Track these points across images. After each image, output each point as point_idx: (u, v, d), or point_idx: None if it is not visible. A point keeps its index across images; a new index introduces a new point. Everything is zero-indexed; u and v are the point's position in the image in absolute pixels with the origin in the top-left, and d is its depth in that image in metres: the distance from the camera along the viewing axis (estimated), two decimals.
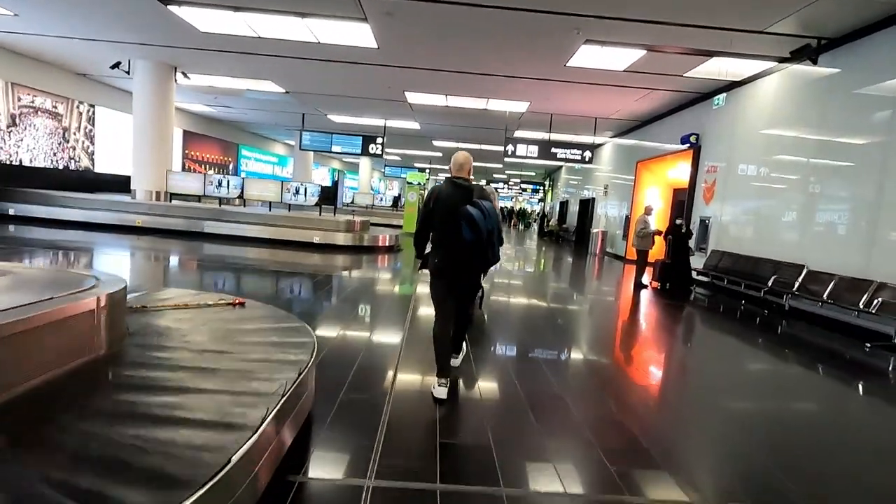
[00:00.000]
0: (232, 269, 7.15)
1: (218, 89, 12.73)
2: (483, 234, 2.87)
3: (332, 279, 6.79)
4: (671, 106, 10.58)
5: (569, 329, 5.41)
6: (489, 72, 9.11)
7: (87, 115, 13.02)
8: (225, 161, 20.36)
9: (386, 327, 4.63)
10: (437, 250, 3.03)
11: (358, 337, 4.22)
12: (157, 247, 8.79)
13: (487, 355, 4.02)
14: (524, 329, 5.16)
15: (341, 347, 3.86)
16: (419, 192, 15.95)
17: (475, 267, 3.15)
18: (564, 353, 4.38)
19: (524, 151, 12.39)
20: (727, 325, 6.42)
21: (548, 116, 12.58)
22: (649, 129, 12.23)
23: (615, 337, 5.45)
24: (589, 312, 6.52)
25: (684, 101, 10.04)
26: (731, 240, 8.33)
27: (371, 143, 15.13)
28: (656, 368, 4.45)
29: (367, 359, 3.61)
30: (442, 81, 10.07)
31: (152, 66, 10.50)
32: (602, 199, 15.84)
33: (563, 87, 9.78)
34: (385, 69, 9.42)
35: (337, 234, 9.90)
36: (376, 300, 5.91)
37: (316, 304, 5.37)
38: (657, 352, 4.96)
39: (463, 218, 2.83)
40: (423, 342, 3.85)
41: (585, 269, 11.63)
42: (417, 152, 23.63)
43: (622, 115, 11.97)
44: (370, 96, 12.12)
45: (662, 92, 9.56)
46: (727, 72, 7.85)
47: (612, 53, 7.55)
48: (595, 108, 11.43)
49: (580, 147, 12.40)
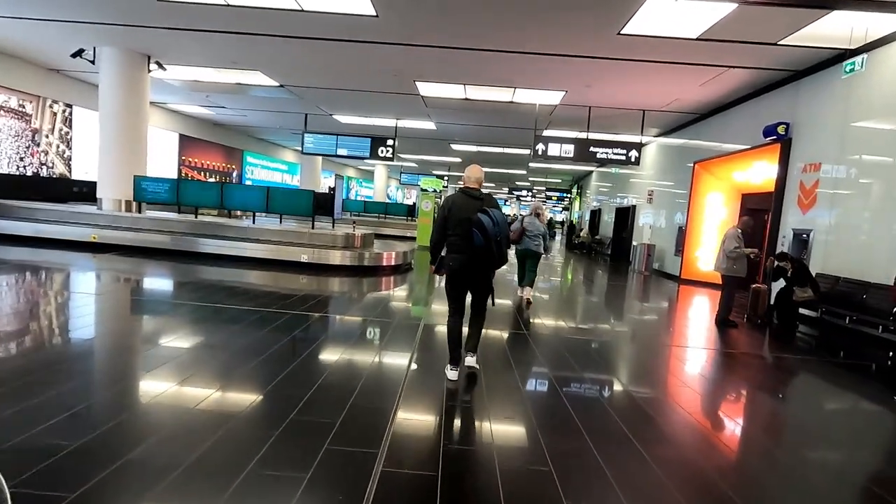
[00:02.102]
0: (146, 309, 5.39)
1: (205, 85, 11.20)
2: (492, 239, 3.21)
3: (295, 329, 4.83)
4: (747, 90, 8.50)
5: (636, 401, 3.41)
6: (517, 48, 7.24)
7: (63, 115, 11.63)
8: (228, 168, 18.96)
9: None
10: (452, 254, 3.39)
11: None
12: (70, 268, 7.12)
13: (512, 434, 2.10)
14: (561, 393, 3.20)
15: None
16: (434, 201, 14.11)
17: (485, 268, 3.42)
18: (635, 455, 2.41)
19: (557, 151, 10.44)
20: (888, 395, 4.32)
21: (585, 111, 10.62)
22: (711, 122, 10.14)
23: (722, 424, 3.43)
24: (664, 366, 4.52)
25: (768, 82, 7.95)
26: (846, 261, 6.21)
27: (381, 145, 13.45)
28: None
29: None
30: (459, 65, 8.24)
31: (120, 55, 8.97)
32: (645, 208, 13.71)
33: (610, 69, 7.83)
34: (389, 50, 7.65)
35: (332, 252, 8.10)
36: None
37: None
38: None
39: (474, 225, 3.20)
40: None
41: (634, 292, 9.56)
42: (435, 158, 21.88)
43: (679, 106, 9.92)
44: (376, 88, 10.38)
45: (741, 71, 7.52)
46: (852, 32, 5.78)
47: (687, 11, 5.60)
48: (646, 97, 9.42)
49: (625, 146, 10.39)
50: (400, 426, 2.69)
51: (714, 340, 5.65)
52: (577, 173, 24.83)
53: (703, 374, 4.40)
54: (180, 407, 2.73)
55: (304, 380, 3.25)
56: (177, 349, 3.75)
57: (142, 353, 3.65)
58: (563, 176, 26.89)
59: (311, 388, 3.10)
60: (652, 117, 10.74)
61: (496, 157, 19.56)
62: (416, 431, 2.71)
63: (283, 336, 4.24)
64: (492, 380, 3.56)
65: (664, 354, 4.97)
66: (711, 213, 10.11)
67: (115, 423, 2.45)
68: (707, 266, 10.14)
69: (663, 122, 11.63)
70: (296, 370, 3.43)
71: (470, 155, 19.75)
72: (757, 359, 5.08)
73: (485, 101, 10.55)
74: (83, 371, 3.22)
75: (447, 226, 3.36)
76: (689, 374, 4.39)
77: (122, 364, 3.48)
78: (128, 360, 3.56)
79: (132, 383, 3.12)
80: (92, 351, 3.70)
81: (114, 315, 4.79)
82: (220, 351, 3.79)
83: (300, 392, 3.00)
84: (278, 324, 4.58)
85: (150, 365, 3.36)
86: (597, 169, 21.62)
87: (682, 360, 4.82)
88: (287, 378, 3.25)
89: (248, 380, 3.26)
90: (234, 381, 3.20)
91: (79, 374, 3.12)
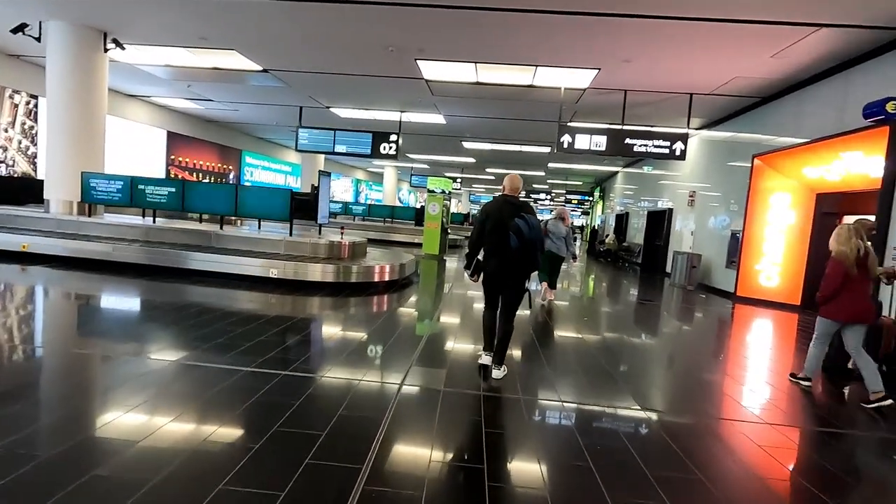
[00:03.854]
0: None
1: (181, 72, 9.83)
2: (528, 243, 3.42)
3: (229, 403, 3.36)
4: (831, 61, 6.73)
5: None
6: (542, 4, 5.63)
7: (27, 107, 10.38)
8: (224, 169, 17.69)
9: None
10: (489, 257, 3.60)
11: None
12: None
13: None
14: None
15: None
16: (443, 203, 12.53)
17: (520, 271, 3.57)
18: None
19: (586, 144, 8.79)
20: None
21: (617, 98, 8.96)
22: (778, 106, 8.36)
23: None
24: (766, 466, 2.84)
25: (866, 47, 6.21)
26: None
27: (384, 141, 11.97)
28: None
29: None
30: (468, 36, 6.68)
31: (70, 30, 7.63)
32: (685, 211, 11.93)
33: (657, 36, 6.19)
34: (381, 13, 6.13)
35: (311, 266, 6.56)
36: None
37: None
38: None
39: (512, 229, 3.41)
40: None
41: (682, 315, 7.83)
42: (446, 158, 20.33)
43: (735, 88, 8.18)
44: (373, 71, 8.87)
45: (829, 35, 5.80)
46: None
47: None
48: (696, 75, 7.72)
49: (668, 137, 8.69)
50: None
51: (841, 413, 3.92)
52: (600, 174, 23.03)
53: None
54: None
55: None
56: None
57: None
58: (584, 178, 25.10)
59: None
60: (700, 104, 9.00)
61: (512, 156, 17.92)
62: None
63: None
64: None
65: (757, 440, 3.27)
66: (776, 218, 8.32)
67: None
68: (772, 282, 8.35)
69: (710, 111, 9.87)
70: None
71: (484, 154, 18.15)
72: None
73: (500, 86, 8.96)
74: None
75: (484, 231, 3.56)
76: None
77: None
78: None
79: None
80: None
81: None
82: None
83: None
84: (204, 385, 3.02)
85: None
86: (622, 170, 19.83)
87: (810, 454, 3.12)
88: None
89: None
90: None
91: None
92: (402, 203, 32.05)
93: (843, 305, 3.74)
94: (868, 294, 3.86)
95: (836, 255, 3.76)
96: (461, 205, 41.32)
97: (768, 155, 8.25)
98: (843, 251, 3.71)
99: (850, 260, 3.67)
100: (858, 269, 3.68)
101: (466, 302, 6.77)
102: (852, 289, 3.72)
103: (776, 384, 4.22)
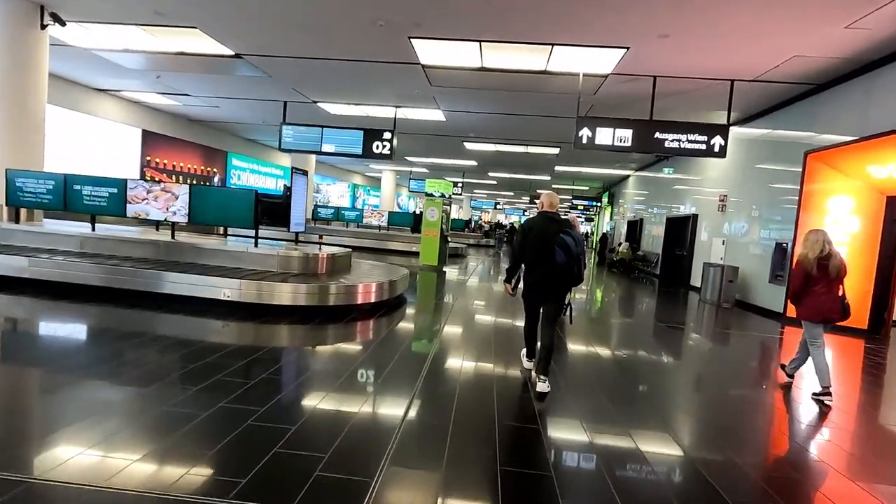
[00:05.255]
0: None
1: (143, 57, 8.62)
2: (574, 258, 3.54)
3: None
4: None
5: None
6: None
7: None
8: (208, 172, 16.47)
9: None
10: (531, 271, 3.70)
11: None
12: None
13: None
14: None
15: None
16: (442, 209, 11.26)
17: (564, 285, 3.67)
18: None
19: (608, 139, 7.53)
20: None
21: (644, 86, 7.73)
22: (841, 93, 7.11)
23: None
24: None
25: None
26: None
27: (377, 139, 10.69)
28: None
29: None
30: (472, 4, 5.45)
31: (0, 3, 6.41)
32: (714, 217, 10.65)
33: (702, 4, 4.96)
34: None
35: (278, 287, 5.28)
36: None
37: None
38: None
39: (558, 245, 3.51)
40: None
41: (724, 341, 6.53)
42: (447, 161, 19.11)
43: (790, 71, 6.91)
44: (361, 55, 7.65)
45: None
46: None
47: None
48: (745, 52, 6.46)
49: (705, 130, 7.43)
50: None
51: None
52: (610, 179, 21.80)
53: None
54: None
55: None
56: None
57: None
58: (591, 182, 23.88)
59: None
60: (739, 95, 7.74)
61: (517, 158, 16.69)
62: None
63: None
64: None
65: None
66: (835, 225, 7.05)
67: None
68: None
69: (747, 104, 8.63)
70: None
71: (486, 156, 16.92)
72: None
73: (508, 73, 7.73)
74: None
75: (526, 246, 3.70)
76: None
77: None
78: None
79: None
80: None
81: None
82: None
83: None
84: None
85: None
86: (635, 173, 18.60)
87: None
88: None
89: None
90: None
91: None
92: (401, 210, 30.76)
93: (812, 306, 4.00)
94: (835, 295, 3.99)
95: (798, 258, 4.11)
96: (462, 211, 40.12)
97: (826, 151, 7.00)
98: (803, 253, 4.03)
99: (810, 260, 3.94)
100: (819, 269, 3.93)
101: (475, 329, 5.49)
102: (815, 291, 3.98)
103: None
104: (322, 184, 25.20)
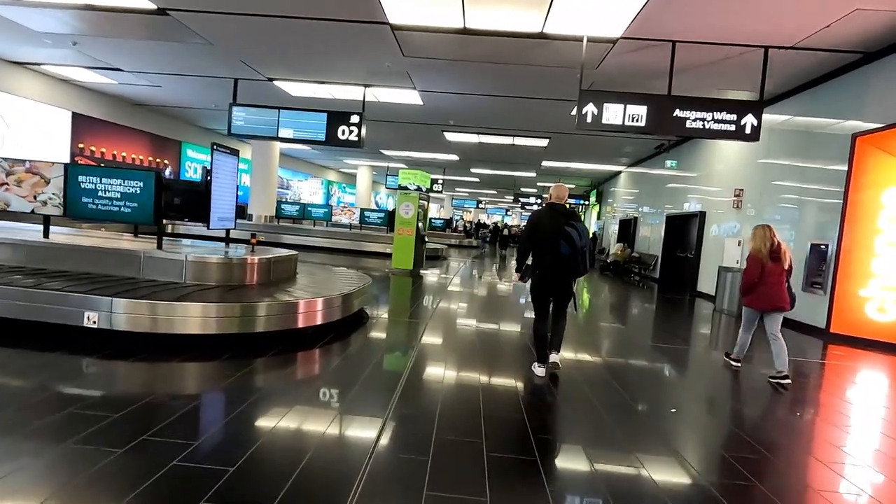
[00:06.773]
0: None
1: (46, 14, 6.94)
2: (578, 249, 3.55)
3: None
4: None
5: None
6: None
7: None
8: (158, 163, 14.69)
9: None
10: (539, 262, 3.70)
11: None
12: None
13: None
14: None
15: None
16: (418, 204, 9.80)
17: (570, 275, 3.70)
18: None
19: (617, 117, 6.18)
20: None
21: (658, 56, 6.43)
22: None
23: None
24: None
25: None
26: None
27: (342, 123, 9.16)
28: None
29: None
30: None
31: None
32: (728, 216, 9.44)
33: None
34: None
35: (174, 310, 3.73)
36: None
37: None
38: None
39: (563, 236, 3.52)
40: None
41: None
42: (426, 155, 17.65)
43: (840, 34, 5.66)
44: (312, 12, 6.14)
45: None
46: None
47: None
48: (788, 10, 5.18)
49: (733, 108, 6.13)
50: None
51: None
52: (599, 175, 20.63)
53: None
54: None
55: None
56: None
57: None
58: (579, 179, 22.69)
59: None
60: (781, 62, 6.47)
61: (503, 151, 15.33)
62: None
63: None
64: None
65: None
66: (892, 224, 5.83)
67: None
68: (888, 315, 5.82)
69: (777, 79, 7.39)
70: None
71: (469, 148, 15.51)
72: None
73: (497, 36, 6.32)
74: None
75: (535, 237, 3.70)
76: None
77: None
78: None
79: None
80: None
81: None
82: None
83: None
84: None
85: None
86: (627, 169, 17.44)
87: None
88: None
89: None
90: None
91: None
92: (379, 208, 29.13)
93: (760, 295, 4.27)
94: (783, 285, 4.24)
95: (752, 252, 4.33)
96: (444, 210, 38.63)
97: (882, 133, 5.77)
98: (756, 247, 4.28)
99: (764, 253, 4.21)
100: (772, 261, 4.20)
101: (456, 364, 4.05)
102: (767, 281, 4.22)
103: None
104: (293, 180, 23.46)
